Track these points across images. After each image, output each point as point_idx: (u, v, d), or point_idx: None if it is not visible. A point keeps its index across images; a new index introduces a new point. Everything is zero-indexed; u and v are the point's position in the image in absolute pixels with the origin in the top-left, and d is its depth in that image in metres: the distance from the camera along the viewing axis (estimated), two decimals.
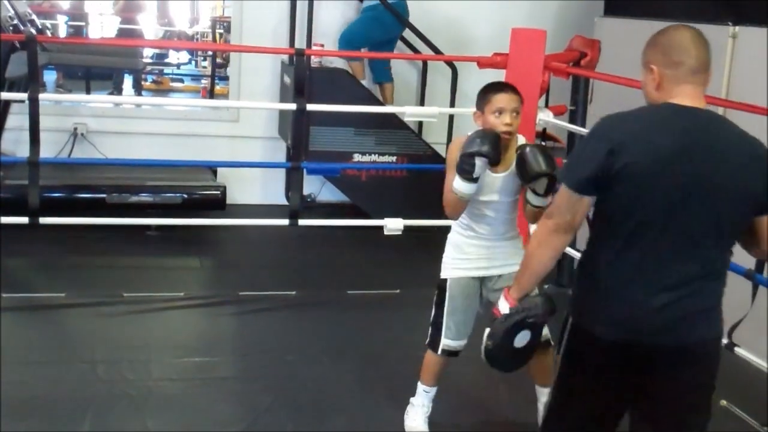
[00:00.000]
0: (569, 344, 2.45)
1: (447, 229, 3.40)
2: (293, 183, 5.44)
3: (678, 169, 2.18)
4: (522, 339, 2.62)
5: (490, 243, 3.26)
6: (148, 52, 11.82)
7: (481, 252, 3.27)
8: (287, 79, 6.34)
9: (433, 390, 3.50)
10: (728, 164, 2.21)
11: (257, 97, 6.74)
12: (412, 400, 3.53)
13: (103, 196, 5.93)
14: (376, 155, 6.34)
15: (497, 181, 3.16)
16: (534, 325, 2.61)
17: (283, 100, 6.51)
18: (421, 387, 3.51)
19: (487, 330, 2.63)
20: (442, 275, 3.36)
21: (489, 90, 3.20)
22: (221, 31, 11.78)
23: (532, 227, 3.29)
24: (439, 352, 3.37)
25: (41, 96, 4.70)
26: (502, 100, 3.14)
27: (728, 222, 2.26)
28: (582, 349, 2.41)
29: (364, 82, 6.56)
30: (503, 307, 2.58)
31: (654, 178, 2.18)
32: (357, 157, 6.31)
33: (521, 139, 3.26)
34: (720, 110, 4.76)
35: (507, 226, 3.28)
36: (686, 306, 2.28)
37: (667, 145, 2.19)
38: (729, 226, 2.28)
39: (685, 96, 2.27)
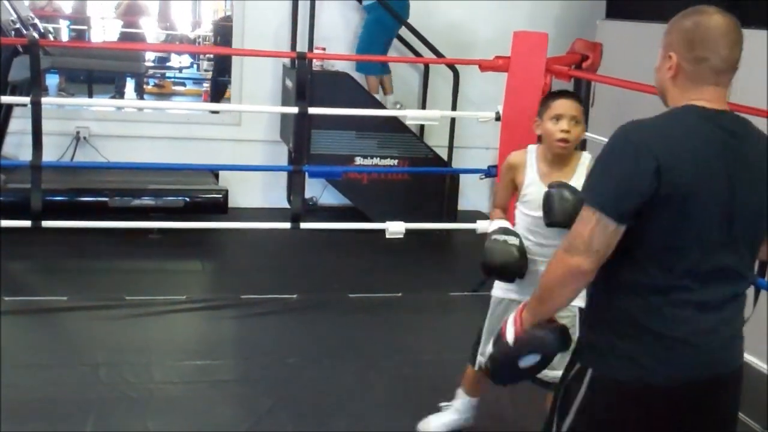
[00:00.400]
0: (594, 401, 2.06)
1: (448, 231, 3.39)
2: (295, 186, 5.45)
3: (721, 187, 1.94)
4: (529, 361, 2.23)
5: (540, 268, 2.93)
6: (150, 56, 11.84)
7: (530, 277, 2.99)
8: (289, 83, 6.34)
9: (470, 399, 3.45)
10: (762, 178, 2.00)
11: (259, 101, 6.75)
12: (453, 401, 3.50)
13: (106, 199, 5.93)
14: (378, 158, 6.35)
15: None
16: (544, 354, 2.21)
17: (284, 103, 6.52)
18: (458, 392, 3.48)
19: (490, 348, 2.27)
20: (492, 291, 3.25)
21: (549, 96, 3.10)
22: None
23: None
24: (476, 367, 3.29)
25: (43, 100, 4.72)
26: (560, 106, 3.00)
27: (759, 237, 2.07)
28: (614, 406, 2.04)
29: (377, 96, 6.57)
30: (509, 333, 2.17)
31: (700, 199, 1.92)
32: (358, 161, 6.31)
33: (586, 156, 3.09)
34: None
35: None
36: (729, 330, 2.08)
37: (711, 162, 1.93)
38: (758, 241, 2.08)
39: (708, 99, 1.99)
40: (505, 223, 3.11)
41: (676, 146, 1.92)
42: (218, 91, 10.35)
